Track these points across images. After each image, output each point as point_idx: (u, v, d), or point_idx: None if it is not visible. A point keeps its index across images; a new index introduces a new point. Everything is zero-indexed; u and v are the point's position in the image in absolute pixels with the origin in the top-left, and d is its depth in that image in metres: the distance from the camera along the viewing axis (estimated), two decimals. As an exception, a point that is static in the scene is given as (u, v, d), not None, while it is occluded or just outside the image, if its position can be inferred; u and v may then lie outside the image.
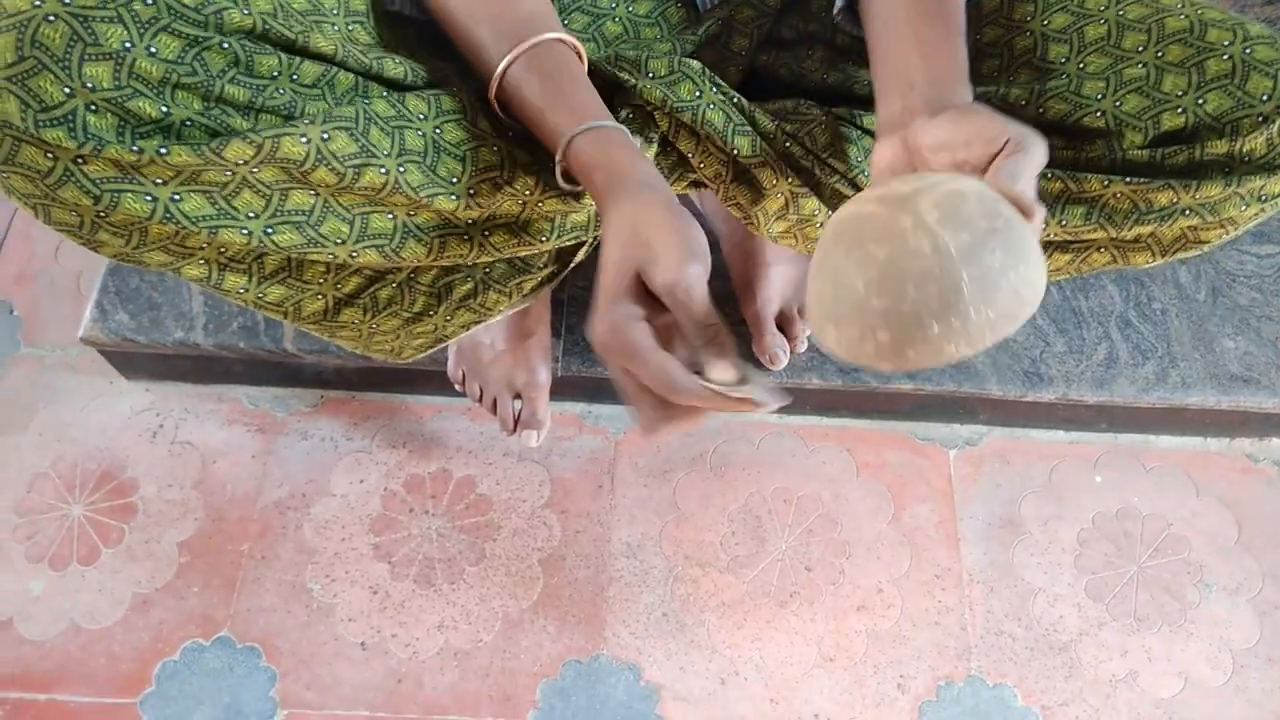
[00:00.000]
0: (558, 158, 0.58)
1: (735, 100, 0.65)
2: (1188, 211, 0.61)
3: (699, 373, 0.49)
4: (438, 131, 0.59)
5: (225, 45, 0.50)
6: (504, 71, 0.58)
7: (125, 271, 1.01)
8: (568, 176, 0.60)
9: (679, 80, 0.64)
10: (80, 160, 0.49)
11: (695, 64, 0.65)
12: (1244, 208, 0.61)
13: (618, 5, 0.72)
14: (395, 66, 0.59)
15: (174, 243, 0.57)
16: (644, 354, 0.49)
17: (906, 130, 0.56)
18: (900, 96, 0.58)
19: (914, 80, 0.58)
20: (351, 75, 0.57)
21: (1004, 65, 0.67)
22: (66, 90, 0.46)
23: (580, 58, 0.61)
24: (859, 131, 0.68)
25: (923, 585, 1.01)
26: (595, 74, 0.62)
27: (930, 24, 0.59)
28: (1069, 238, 0.66)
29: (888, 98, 0.59)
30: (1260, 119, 0.58)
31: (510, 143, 0.62)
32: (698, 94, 0.64)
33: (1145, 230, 0.64)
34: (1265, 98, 0.58)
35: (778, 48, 0.75)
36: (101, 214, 0.52)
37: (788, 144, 0.66)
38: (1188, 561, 1.03)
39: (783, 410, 1.07)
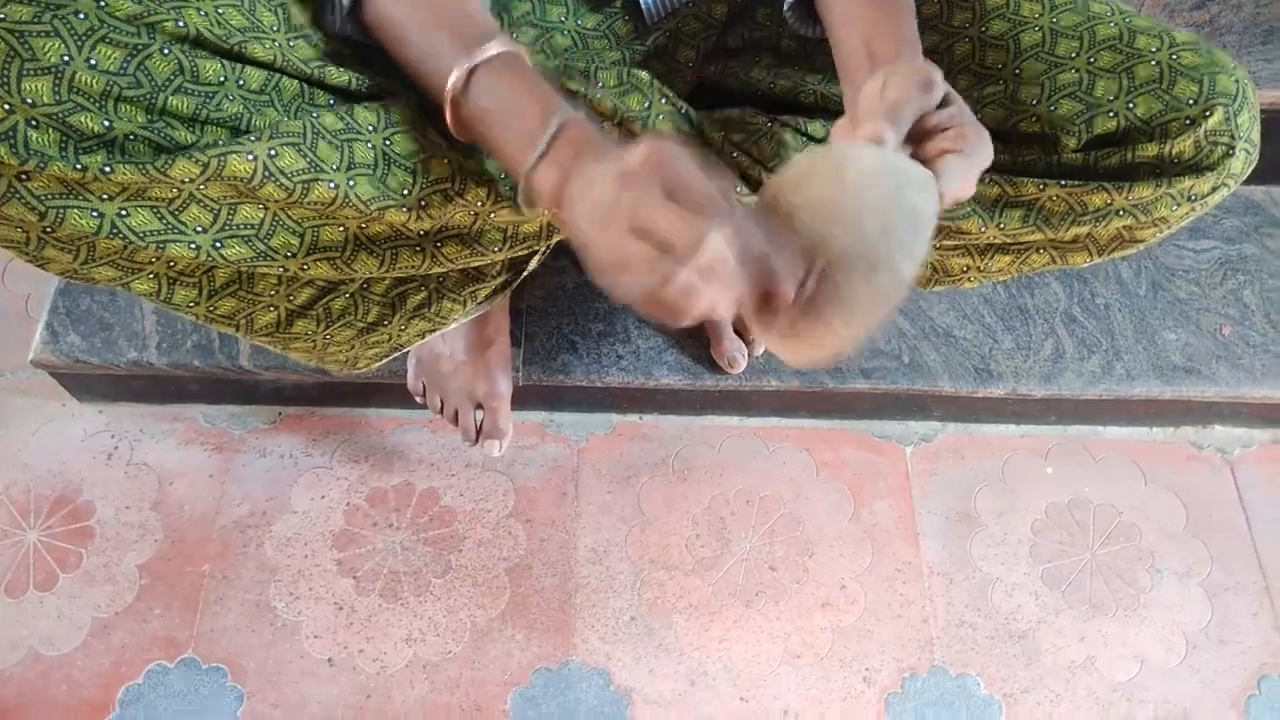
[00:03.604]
0: (521, 184, 0.55)
1: (684, 111, 0.66)
2: (1121, 212, 0.63)
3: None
4: (387, 143, 0.59)
5: (167, 51, 0.49)
6: (455, 98, 0.55)
7: (76, 292, 1.00)
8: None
9: (628, 91, 0.65)
10: (24, 177, 0.48)
11: (644, 75, 0.66)
12: (1175, 207, 0.63)
13: (566, 19, 0.73)
14: (339, 74, 0.58)
15: (122, 257, 0.57)
16: (695, 173, 0.46)
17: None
18: (857, 74, 0.59)
19: (871, 54, 0.59)
20: (296, 82, 0.56)
21: (944, 71, 0.69)
22: (6, 107, 0.46)
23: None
24: (805, 139, 0.69)
25: (884, 580, 1.03)
26: None
27: (877, 7, 0.61)
28: (1008, 240, 0.68)
29: (847, 80, 0.61)
30: (1188, 122, 0.60)
31: (461, 154, 0.62)
32: (647, 104, 0.65)
33: (1082, 231, 0.66)
34: (1191, 101, 0.60)
35: (726, 58, 0.76)
36: (48, 230, 0.52)
37: (735, 154, 0.67)
38: (1139, 548, 1.06)
39: (742, 412, 1.09)
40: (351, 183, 0.57)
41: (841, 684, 0.97)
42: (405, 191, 0.60)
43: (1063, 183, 0.63)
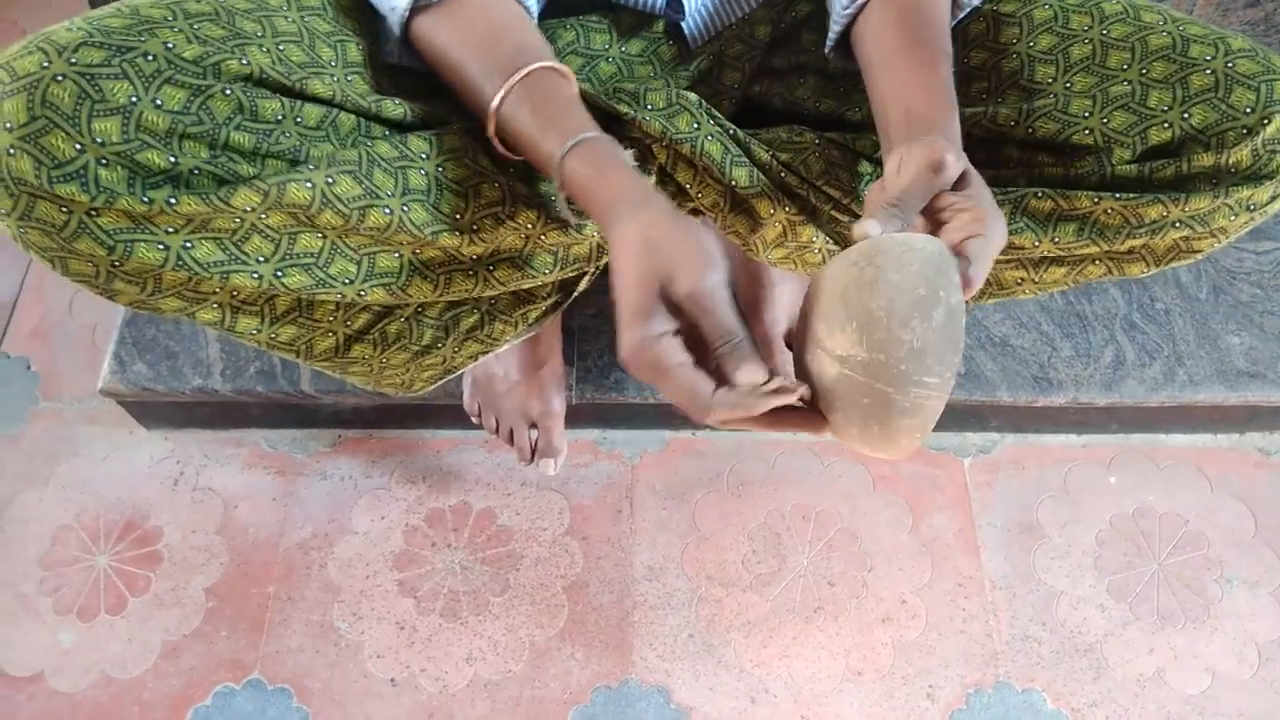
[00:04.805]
0: (556, 184, 0.58)
1: (731, 132, 0.66)
2: (1178, 224, 0.62)
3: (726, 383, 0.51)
4: (440, 169, 0.61)
5: (228, 92, 0.52)
6: (497, 108, 0.59)
7: (141, 322, 1.03)
8: (571, 204, 0.60)
9: (677, 112, 0.65)
10: (94, 213, 0.50)
11: (692, 96, 0.66)
12: (1233, 217, 0.62)
13: (610, 46, 0.74)
14: (395, 108, 0.60)
15: (187, 289, 0.59)
16: (672, 371, 0.51)
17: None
18: (888, 130, 0.60)
19: (906, 111, 0.59)
20: (353, 117, 0.58)
21: (992, 88, 0.68)
22: (78, 146, 0.48)
23: (570, 82, 0.61)
24: (853, 155, 0.69)
25: (946, 594, 1.01)
26: (593, 108, 0.63)
27: (913, 57, 0.61)
28: (1063, 253, 0.67)
29: (881, 133, 0.61)
30: (1244, 131, 0.59)
31: (511, 178, 0.64)
32: (695, 126, 0.65)
33: (1138, 243, 0.64)
34: (1248, 110, 0.59)
35: (770, 78, 0.76)
36: (116, 264, 0.54)
37: (783, 174, 0.67)
38: (1207, 557, 1.04)
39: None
40: (406, 208, 0.59)
41: (905, 701, 0.96)
42: (458, 216, 0.61)
43: (1117, 196, 0.62)
